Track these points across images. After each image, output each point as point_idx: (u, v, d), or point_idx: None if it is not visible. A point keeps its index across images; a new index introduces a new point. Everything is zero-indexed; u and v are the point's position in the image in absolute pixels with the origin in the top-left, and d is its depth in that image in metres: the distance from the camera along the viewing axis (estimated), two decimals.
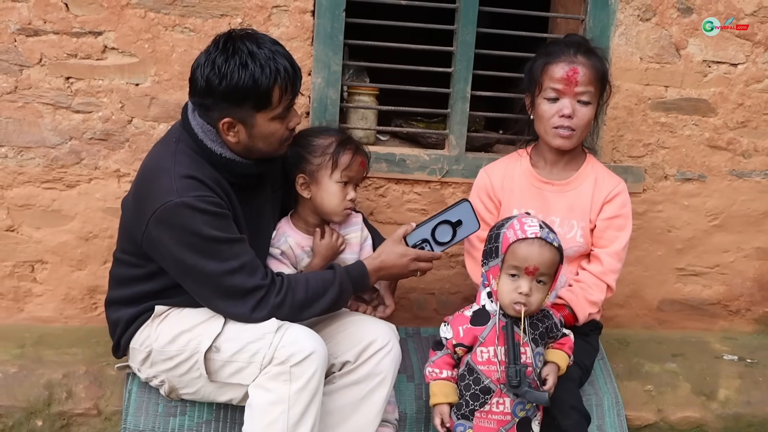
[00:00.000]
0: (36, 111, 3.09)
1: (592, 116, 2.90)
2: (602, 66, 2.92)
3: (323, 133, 2.88)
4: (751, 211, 3.56)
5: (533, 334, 2.65)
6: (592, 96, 2.87)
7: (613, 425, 3.04)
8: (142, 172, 2.67)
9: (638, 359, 3.39)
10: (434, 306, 3.53)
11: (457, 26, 3.22)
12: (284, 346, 2.49)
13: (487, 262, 2.65)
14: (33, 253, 3.24)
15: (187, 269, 2.54)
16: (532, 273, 2.55)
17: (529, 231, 2.55)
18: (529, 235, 2.54)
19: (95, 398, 2.95)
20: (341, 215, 2.88)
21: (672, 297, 3.66)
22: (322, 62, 3.16)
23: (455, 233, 2.76)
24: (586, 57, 2.88)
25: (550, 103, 2.88)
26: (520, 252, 2.54)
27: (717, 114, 3.43)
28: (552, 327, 2.71)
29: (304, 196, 2.87)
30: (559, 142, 2.90)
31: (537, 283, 2.57)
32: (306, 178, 2.84)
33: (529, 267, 2.54)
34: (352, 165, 2.83)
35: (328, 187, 2.83)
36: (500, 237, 2.59)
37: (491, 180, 3.05)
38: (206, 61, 2.51)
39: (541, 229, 2.56)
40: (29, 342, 3.14)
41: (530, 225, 2.57)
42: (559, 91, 2.86)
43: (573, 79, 2.83)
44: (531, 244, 2.54)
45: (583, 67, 2.84)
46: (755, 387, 3.34)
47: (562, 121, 2.86)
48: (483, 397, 2.63)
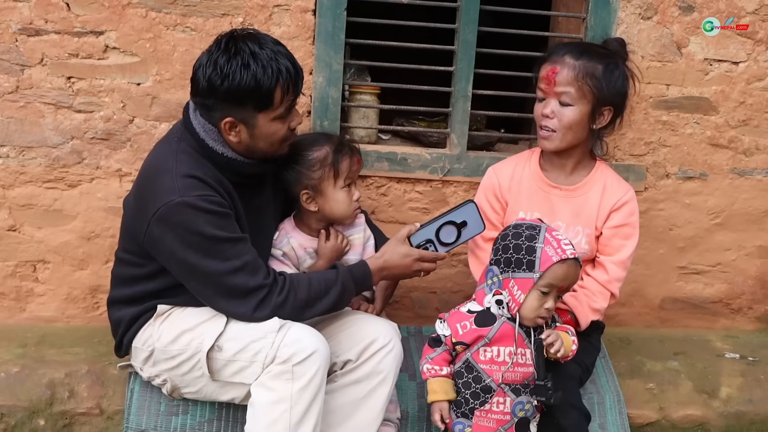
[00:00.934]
0: (37, 111, 3.10)
1: (575, 118, 2.81)
2: (592, 69, 2.79)
3: (315, 143, 2.85)
4: (752, 209, 3.56)
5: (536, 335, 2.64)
6: (575, 97, 2.79)
7: (615, 423, 3.04)
8: (144, 172, 2.67)
9: (640, 358, 3.40)
10: (436, 305, 3.53)
11: (459, 25, 3.22)
12: (286, 345, 2.49)
13: (510, 270, 2.58)
14: (35, 252, 3.24)
15: (189, 269, 2.54)
16: (564, 291, 2.61)
17: (568, 251, 2.54)
18: (569, 256, 2.53)
19: (97, 397, 2.95)
20: (352, 217, 2.91)
21: (674, 295, 3.66)
22: (323, 61, 3.16)
23: (460, 234, 2.74)
24: (575, 57, 2.80)
25: (538, 103, 2.88)
26: (562, 273, 2.54)
27: (718, 112, 3.43)
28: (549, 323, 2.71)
29: (311, 210, 2.87)
30: (542, 143, 2.89)
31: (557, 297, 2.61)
32: (310, 192, 2.83)
33: (565, 286, 2.58)
34: (351, 168, 2.85)
35: (334, 196, 2.83)
36: (536, 252, 2.54)
37: (499, 180, 3.01)
38: (208, 61, 2.51)
39: (572, 246, 2.58)
40: (31, 342, 3.15)
41: (565, 243, 2.57)
42: (543, 91, 2.85)
43: (551, 79, 2.79)
44: (571, 265, 2.55)
45: (563, 67, 2.78)
46: (757, 385, 3.35)
47: (543, 120, 2.85)
48: (483, 396, 2.63)
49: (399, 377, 2.79)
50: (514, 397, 2.63)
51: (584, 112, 2.82)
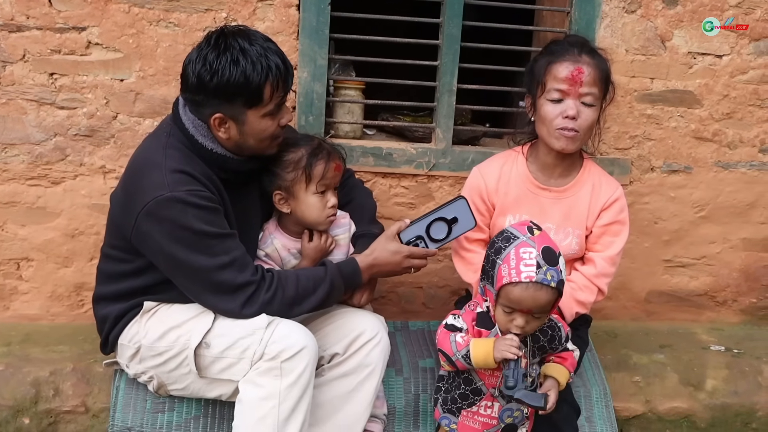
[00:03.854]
0: (20, 107, 3.07)
1: (595, 119, 2.79)
2: (606, 67, 2.80)
3: (293, 146, 2.80)
4: (737, 202, 3.58)
5: (533, 346, 2.55)
6: (596, 98, 2.76)
7: (601, 417, 3.05)
8: (132, 166, 2.65)
9: (626, 351, 3.41)
10: (422, 300, 3.53)
11: (443, 19, 3.22)
12: (275, 342, 2.49)
13: (484, 279, 2.53)
14: (18, 250, 3.22)
15: (177, 264, 2.53)
16: (527, 313, 2.41)
17: (524, 273, 2.35)
18: (523, 279, 2.34)
19: (83, 395, 2.93)
20: (325, 224, 2.85)
21: (659, 288, 3.67)
22: (307, 56, 3.15)
23: (450, 230, 2.73)
24: (591, 57, 2.77)
25: (554, 105, 2.76)
26: (514, 296, 2.37)
27: (702, 105, 3.44)
28: (555, 339, 2.60)
29: (284, 212, 2.85)
30: (563, 144, 2.77)
31: (533, 316, 2.43)
32: (283, 194, 2.81)
33: (523, 309, 2.40)
34: (326, 174, 2.78)
35: (306, 200, 2.79)
36: (496, 267, 2.42)
37: (486, 181, 2.94)
38: (198, 57, 2.49)
39: (538, 269, 2.35)
40: (15, 340, 3.13)
41: (527, 264, 2.36)
42: (563, 92, 2.74)
43: (578, 79, 2.72)
44: (525, 289, 2.36)
45: (588, 67, 2.73)
46: (742, 377, 3.36)
47: (566, 122, 2.74)
48: (472, 398, 2.62)
49: (386, 372, 2.79)
50: (503, 403, 2.61)
51: (598, 112, 2.80)
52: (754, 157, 3.53)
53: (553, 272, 2.36)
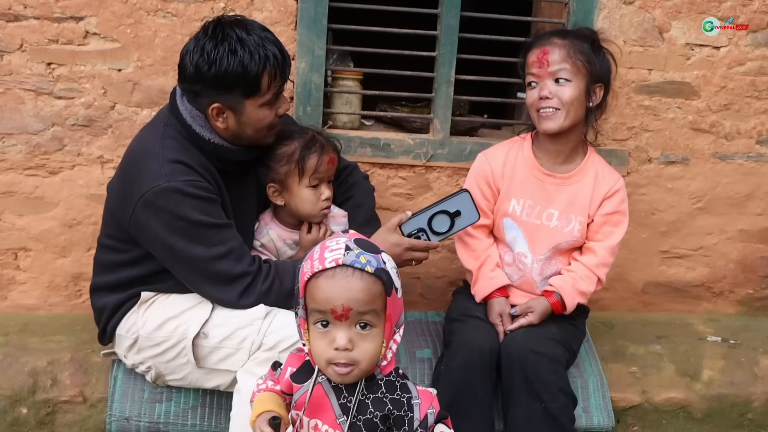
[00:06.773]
0: (17, 97, 3.07)
1: (575, 94, 2.79)
2: (582, 45, 2.81)
3: (287, 138, 2.80)
4: (734, 193, 3.58)
5: (373, 413, 1.90)
6: (571, 73, 2.78)
7: (598, 407, 3.06)
8: (130, 156, 2.65)
9: (623, 341, 3.41)
10: (420, 290, 3.54)
11: (441, 10, 3.21)
12: (273, 332, 2.50)
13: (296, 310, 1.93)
14: (16, 240, 3.22)
15: (174, 254, 2.53)
16: (344, 317, 1.81)
17: (329, 258, 1.82)
18: (328, 265, 1.81)
19: (80, 385, 2.93)
20: (319, 216, 2.86)
21: (656, 279, 3.68)
22: (305, 47, 3.15)
23: (453, 223, 2.72)
24: (562, 38, 2.82)
25: (532, 90, 2.84)
26: (320, 291, 1.81)
27: (700, 97, 3.44)
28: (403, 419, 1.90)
29: (278, 204, 2.86)
30: (546, 125, 2.82)
31: (360, 328, 1.83)
32: (276, 186, 2.82)
33: (337, 309, 1.80)
34: (319, 167, 2.79)
35: (299, 193, 2.80)
36: (298, 273, 1.90)
37: (492, 166, 2.97)
38: (195, 47, 2.49)
39: (348, 251, 1.82)
40: (13, 330, 3.13)
41: (334, 248, 1.84)
42: (535, 75, 2.82)
43: (544, 60, 2.78)
44: (332, 277, 1.81)
45: (553, 47, 2.79)
46: (738, 368, 3.37)
47: (541, 102, 2.80)
48: None
49: None
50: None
51: (581, 89, 2.80)
52: (751, 149, 3.53)
53: (370, 257, 1.84)
